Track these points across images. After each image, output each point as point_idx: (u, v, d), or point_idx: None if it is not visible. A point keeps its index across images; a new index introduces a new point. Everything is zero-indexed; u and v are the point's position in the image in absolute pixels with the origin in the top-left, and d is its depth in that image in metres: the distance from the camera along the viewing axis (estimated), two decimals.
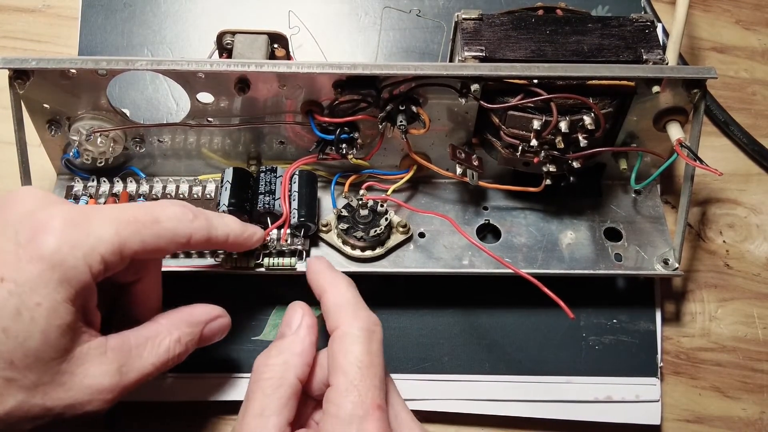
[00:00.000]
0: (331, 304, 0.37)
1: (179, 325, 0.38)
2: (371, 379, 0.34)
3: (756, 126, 0.56)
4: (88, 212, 0.34)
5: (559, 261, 0.47)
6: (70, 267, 0.32)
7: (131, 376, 0.35)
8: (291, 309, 0.39)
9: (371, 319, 0.36)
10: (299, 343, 0.37)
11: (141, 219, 0.35)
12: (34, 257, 0.32)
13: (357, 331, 0.35)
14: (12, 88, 0.41)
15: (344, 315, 0.36)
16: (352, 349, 0.35)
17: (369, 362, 0.34)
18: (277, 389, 0.35)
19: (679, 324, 0.51)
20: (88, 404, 0.33)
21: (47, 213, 0.33)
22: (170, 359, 0.37)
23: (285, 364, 0.36)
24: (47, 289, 0.31)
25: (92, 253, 0.33)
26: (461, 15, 0.45)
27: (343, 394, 0.33)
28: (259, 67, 0.41)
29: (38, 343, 0.31)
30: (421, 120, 0.44)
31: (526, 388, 0.47)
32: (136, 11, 0.54)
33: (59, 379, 0.32)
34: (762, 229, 0.54)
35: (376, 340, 0.36)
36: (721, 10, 0.61)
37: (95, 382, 0.33)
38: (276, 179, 0.46)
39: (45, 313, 0.31)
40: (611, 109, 0.43)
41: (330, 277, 0.39)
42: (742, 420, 0.49)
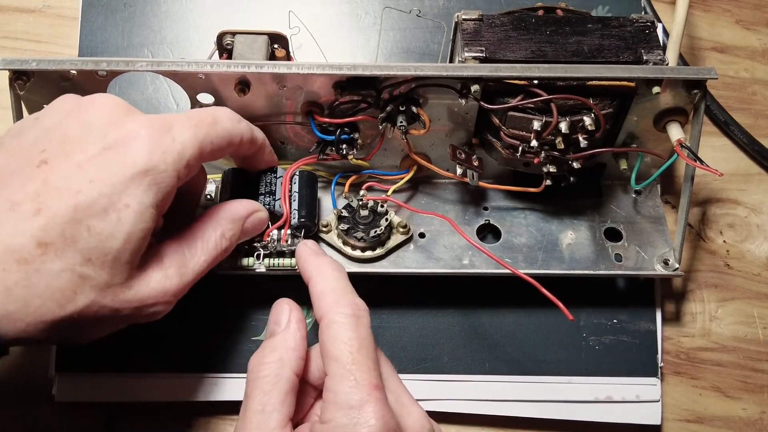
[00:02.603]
0: (317, 292, 0.38)
1: (221, 222, 0.39)
2: (364, 362, 0.34)
3: (756, 126, 0.56)
4: (168, 119, 0.35)
5: (559, 261, 0.47)
6: (161, 172, 0.34)
7: (189, 276, 0.37)
8: (277, 307, 0.39)
9: (356, 304, 0.36)
10: (291, 338, 0.37)
11: (207, 121, 0.37)
12: (126, 162, 0.33)
13: (342, 318, 0.35)
14: (12, 89, 0.41)
15: (328, 302, 0.36)
16: (340, 335, 0.35)
17: (359, 346, 0.35)
18: (275, 385, 0.35)
19: (680, 324, 0.51)
20: (153, 306, 0.35)
21: (133, 120, 0.35)
22: (218, 254, 0.39)
23: (280, 361, 0.36)
24: (137, 192, 0.33)
25: (180, 159, 0.35)
26: (461, 15, 0.45)
27: (338, 380, 0.34)
28: (259, 67, 0.41)
29: (119, 244, 0.33)
30: (421, 120, 0.44)
31: (527, 388, 0.47)
32: (136, 12, 0.54)
33: (128, 283, 0.34)
34: (762, 229, 0.54)
35: (364, 324, 0.36)
36: (721, 10, 0.61)
37: (158, 285, 0.35)
38: (276, 180, 0.46)
39: (132, 215, 0.33)
40: (611, 109, 0.43)
41: (315, 263, 0.39)
42: (743, 420, 0.49)
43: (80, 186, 0.32)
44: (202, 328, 0.47)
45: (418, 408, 0.36)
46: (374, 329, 0.47)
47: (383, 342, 0.48)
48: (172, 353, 0.47)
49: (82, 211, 0.32)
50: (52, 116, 0.36)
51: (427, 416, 0.36)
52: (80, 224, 0.32)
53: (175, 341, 0.47)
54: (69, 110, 0.36)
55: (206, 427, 0.46)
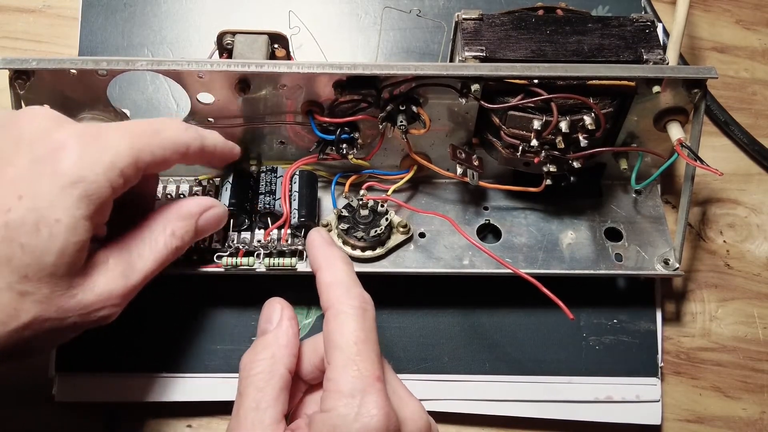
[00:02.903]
0: (325, 282, 0.37)
1: (171, 220, 0.39)
2: (368, 354, 0.34)
3: (756, 126, 0.56)
4: (101, 129, 0.35)
5: (559, 261, 0.47)
6: (91, 182, 0.33)
7: (135, 277, 0.36)
8: (268, 305, 0.39)
9: (363, 297, 0.36)
10: (283, 335, 0.37)
11: (147, 131, 0.36)
12: (54, 174, 0.32)
13: (350, 309, 0.35)
14: (12, 89, 0.41)
15: (337, 294, 0.36)
16: (347, 326, 0.35)
17: (365, 338, 0.34)
18: (269, 382, 0.35)
19: (680, 324, 0.51)
20: (100, 311, 0.35)
21: (63, 130, 0.34)
22: (169, 253, 0.38)
23: (273, 358, 0.36)
24: (67, 205, 0.32)
25: (112, 168, 0.34)
26: (461, 15, 0.45)
27: (342, 370, 0.33)
28: (259, 67, 0.41)
29: (54, 258, 0.32)
30: (422, 120, 0.44)
31: (527, 388, 0.47)
32: (136, 11, 0.54)
33: (71, 292, 0.33)
34: (762, 228, 0.54)
35: (370, 317, 0.36)
36: (721, 10, 0.61)
37: (104, 289, 0.35)
38: (276, 179, 0.46)
39: (64, 229, 0.32)
40: (611, 109, 0.43)
41: (326, 253, 0.39)
42: (743, 420, 0.49)
43: (10, 203, 0.32)
44: (202, 328, 0.47)
45: (415, 401, 0.36)
46: None
47: (383, 342, 0.47)
48: (172, 353, 0.47)
49: (14, 230, 0.31)
50: None
51: (424, 409, 0.36)
52: (12, 242, 0.31)
53: (175, 341, 0.47)
54: (1, 126, 0.35)
55: (206, 427, 0.46)
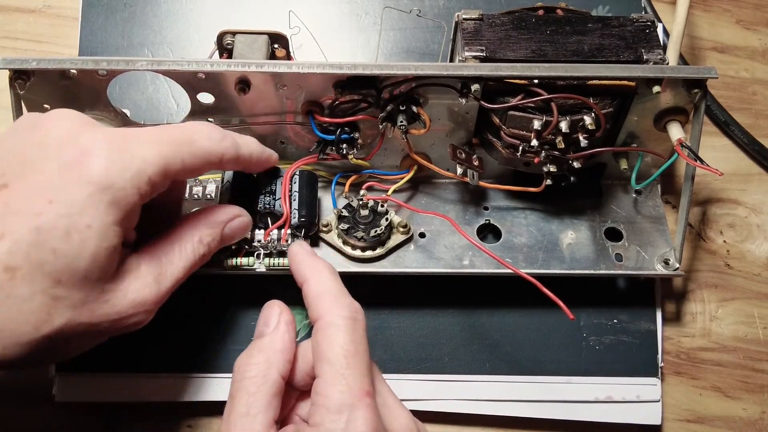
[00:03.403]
0: (312, 293, 0.37)
1: (199, 227, 0.39)
2: (358, 367, 0.34)
3: (756, 126, 0.56)
4: (130, 135, 0.35)
5: (559, 261, 0.47)
6: (119, 189, 0.33)
7: (167, 284, 0.36)
8: (267, 308, 0.39)
9: (353, 307, 0.36)
10: (279, 340, 0.37)
11: (179, 139, 0.36)
12: (83, 180, 0.32)
13: (340, 321, 0.35)
14: (12, 89, 0.41)
15: (326, 304, 0.36)
16: (337, 338, 0.34)
17: (354, 350, 0.34)
18: (261, 387, 0.35)
19: (680, 324, 0.51)
20: (133, 317, 0.35)
21: (91, 136, 0.34)
22: (197, 260, 0.38)
23: (267, 362, 0.36)
24: (97, 211, 0.32)
25: (140, 175, 0.33)
26: (461, 15, 0.45)
27: (330, 384, 0.33)
28: (259, 67, 0.41)
29: (87, 264, 0.32)
30: (422, 120, 0.44)
31: (527, 388, 0.47)
32: (136, 11, 0.54)
33: (104, 297, 0.33)
34: (762, 228, 0.54)
35: (360, 327, 0.35)
36: (721, 10, 0.61)
37: (137, 296, 0.35)
38: (276, 179, 0.46)
39: (95, 235, 0.32)
40: (612, 109, 0.43)
41: (311, 264, 0.39)
42: (743, 420, 0.49)
43: (40, 208, 0.32)
44: (203, 328, 0.47)
45: (404, 411, 0.36)
46: (374, 329, 0.48)
47: (383, 342, 0.48)
48: (172, 353, 0.47)
49: (46, 234, 0.31)
50: (11, 138, 0.35)
51: (413, 418, 0.36)
52: (44, 247, 0.31)
53: (176, 341, 0.47)
54: (27, 130, 0.35)
55: (206, 427, 0.46)
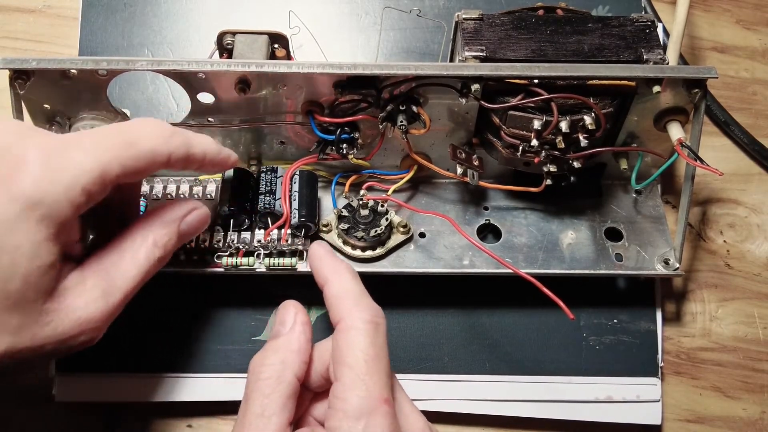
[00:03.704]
0: (334, 294, 0.36)
1: (152, 228, 0.36)
2: (378, 373, 0.33)
3: (756, 126, 0.56)
4: (66, 141, 0.32)
5: (559, 261, 0.47)
6: (50, 203, 0.30)
7: (117, 296, 0.34)
8: (283, 308, 0.38)
9: (375, 311, 0.35)
10: (295, 340, 0.36)
11: (119, 142, 0.33)
12: (11, 197, 0.30)
13: (362, 324, 0.34)
14: (12, 89, 0.41)
15: (348, 306, 0.35)
16: (358, 342, 0.34)
17: (375, 355, 0.33)
18: (276, 388, 0.34)
19: (680, 324, 0.51)
20: (80, 336, 0.33)
21: (23, 146, 0.31)
22: (152, 266, 0.36)
23: (283, 363, 0.35)
24: (26, 229, 0.30)
25: (74, 186, 0.31)
26: (461, 15, 0.45)
27: (350, 388, 0.33)
28: (259, 67, 0.41)
29: (19, 286, 0.30)
30: (422, 120, 0.44)
31: (527, 388, 0.47)
32: (136, 11, 0.54)
33: (45, 319, 0.31)
34: (762, 228, 0.54)
35: (381, 332, 0.35)
36: (721, 9, 0.61)
37: (82, 314, 0.32)
38: (276, 179, 0.46)
39: (26, 254, 0.30)
40: (612, 108, 0.43)
41: (332, 265, 0.38)
42: (743, 420, 0.49)
43: None
44: (203, 328, 0.47)
45: (419, 417, 0.36)
46: None
47: None
48: (172, 353, 0.47)
49: None
50: None
51: (428, 423, 0.36)
52: None
53: (175, 341, 0.47)
54: None
55: (206, 427, 0.46)
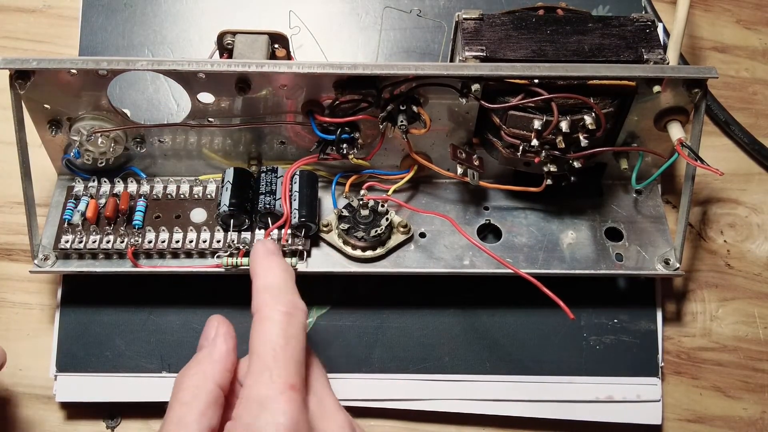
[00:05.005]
0: (256, 288, 0.36)
1: None
2: (286, 361, 0.33)
3: (757, 126, 0.56)
4: None
5: (560, 261, 0.47)
6: None
7: None
8: (207, 323, 0.38)
9: (293, 303, 0.35)
10: (216, 350, 0.36)
11: None
12: None
13: (275, 315, 0.34)
14: (13, 89, 0.41)
15: (265, 299, 0.35)
16: (268, 331, 0.34)
17: (284, 344, 0.33)
18: (195, 397, 0.34)
19: (680, 324, 0.51)
20: None
21: None
22: None
23: (202, 373, 0.35)
24: None
25: None
26: (462, 15, 0.45)
27: (255, 376, 0.32)
28: (259, 67, 0.41)
29: None
30: (422, 120, 0.44)
31: (527, 388, 0.47)
32: (136, 11, 0.54)
33: None
34: (763, 228, 0.54)
35: (295, 323, 0.34)
36: (721, 9, 0.61)
37: None
38: (277, 179, 0.46)
39: None
40: (612, 108, 0.43)
41: (265, 262, 0.38)
42: (743, 420, 0.49)
43: None
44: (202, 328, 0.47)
45: (341, 414, 0.35)
46: (374, 329, 0.48)
47: (383, 342, 0.48)
48: (172, 353, 0.47)
49: None
50: None
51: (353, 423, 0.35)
52: None
53: (175, 341, 0.47)
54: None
55: None
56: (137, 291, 0.47)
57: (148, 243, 0.45)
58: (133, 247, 0.44)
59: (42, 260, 0.44)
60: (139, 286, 0.47)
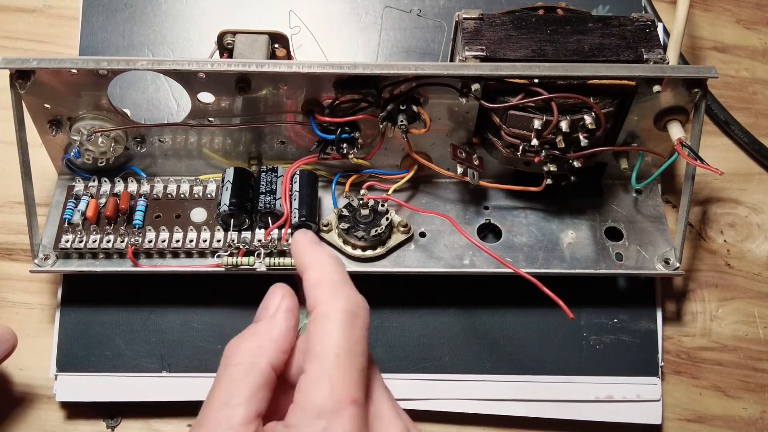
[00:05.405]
0: (312, 282, 0.33)
1: None
2: (348, 369, 0.30)
3: (757, 125, 0.56)
4: None
5: (559, 260, 0.47)
6: None
7: None
8: (270, 291, 0.34)
9: (356, 300, 0.32)
10: (276, 327, 0.32)
11: None
12: None
13: (338, 313, 0.31)
14: (13, 88, 0.41)
15: (324, 293, 0.32)
16: (331, 333, 0.30)
17: (348, 350, 0.30)
18: (246, 376, 0.30)
19: (680, 323, 0.51)
20: None
21: None
22: None
23: (258, 349, 0.31)
24: None
25: None
26: (462, 15, 0.45)
27: (314, 383, 0.29)
28: (259, 67, 0.41)
29: None
30: (422, 120, 0.44)
31: (527, 387, 0.47)
32: (136, 11, 0.54)
33: None
34: (763, 228, 0.54)
35: (360, 324, 0.31)
36: (721, 9, 0.61)
37: None
38: (277, 179, 0.46)
39: None
40: (612, 108, 0.43)
41: (314, 252, 0.35)
42: (743, 419, 0.49)
43: None
44: (203, 327, 0.47)
45: (400, 422, 0.32)
46: (374, 329, 0.48)
47: (383, 342, 0.48)
48: (172, 353, 0.47)
49: None
50: None
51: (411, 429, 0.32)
52: None
53: (175, 341, 0.47)
54: None
55: None
56: (137, 291, 0.47)
57: (148, 242, 0.45)
58: (133, 246, 0.44)
59: (42, 260, 0.45)
60: (139, 285, 0.47)
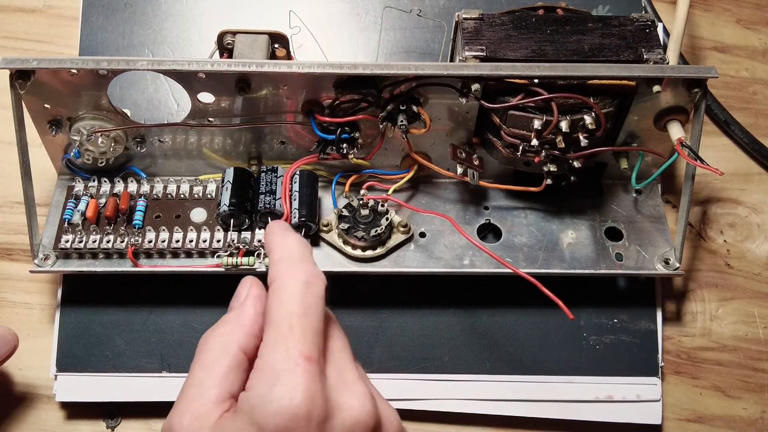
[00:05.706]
0: (273, 258, 0.35)
1: None
2: (302, 332, 0.31)
3: (757, 125, 0.56)
4: None
5: (559, 261, 0.47)
6: None
7: None
8: (240, 283, 0.36)
9: (312, 272, 0.33)
10: (245, 313, 0.34)
11: None
12: None
13: (293, 283, 0.32)
14: (13, 89, 0.41)
15: (283, 268, 0.34)
16: (285, 300, 0.32)
17: (301, 313, 0.32)
18: (217, 360, 0.33)
19: (680, 323, 0.51)
20: None
21: None
22: None
23: (229, 335, 0.33)
24: None
25: None
26: (462, 15, 0.45)
27: (270, 346, 0.31)
28: (259, 67, 0.41)
29: None
30: (422, 120, 0.44)
31: (527, 387, 0.47)
32: (136, 11, 0.54)
33: None
34: (763, 228, 0.54)
35: (314, 293, 0.33)
36: (721, 9, 0.61)
37: None
38: (277, 179, 0.46)
39: None
40: (612, 108, 0.43)
41: (282, 236, 0.36)
42: (743, 419, 0.49)
43: None
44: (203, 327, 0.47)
45: (363, 387, 0.33)
46: (374, 329, 0.48)
47: (383, 342, 0.48)
48: (172, 353, 0.47)
49: None
50: None
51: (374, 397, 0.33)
52: None
53: (175, 341, 0.47)
54: None
55: None
56: (137, 291, 0.47)
57: (148, 243, 0.45)
58: (133, 246, 0.44)
59: (42, 260, 0.45)
60: (139, 285, 0.47)
